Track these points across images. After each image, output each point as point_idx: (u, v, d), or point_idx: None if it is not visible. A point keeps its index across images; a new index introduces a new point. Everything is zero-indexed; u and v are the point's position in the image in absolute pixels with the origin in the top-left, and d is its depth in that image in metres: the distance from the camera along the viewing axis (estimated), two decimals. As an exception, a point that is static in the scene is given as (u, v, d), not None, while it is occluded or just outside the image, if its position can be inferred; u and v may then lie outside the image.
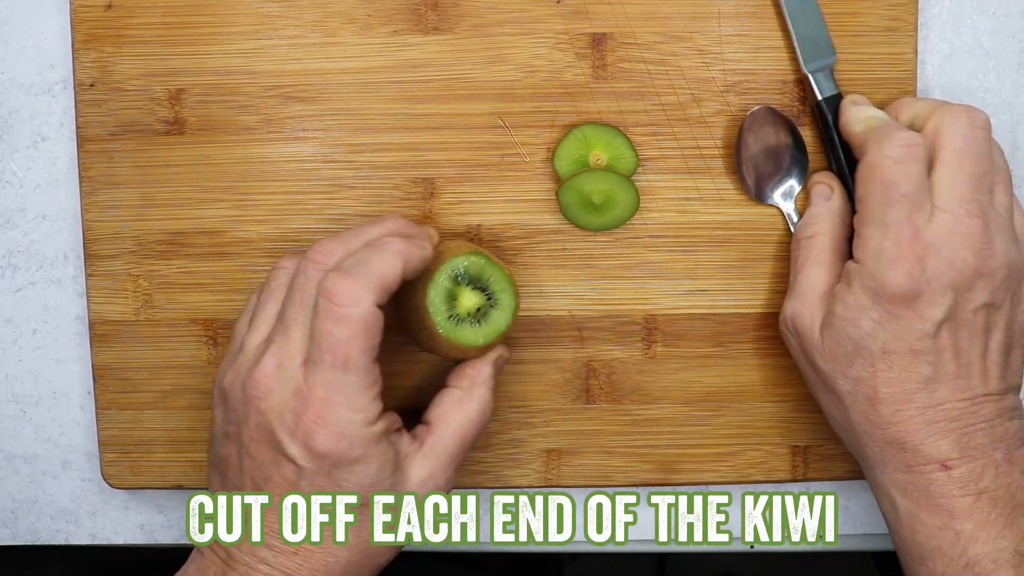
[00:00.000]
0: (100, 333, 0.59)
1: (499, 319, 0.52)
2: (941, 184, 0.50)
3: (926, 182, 0.50)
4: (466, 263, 0.52)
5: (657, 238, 0.58)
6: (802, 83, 0.57)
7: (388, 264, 0.48)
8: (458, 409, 0.52)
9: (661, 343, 0.59)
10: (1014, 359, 0.52)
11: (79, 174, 0.58)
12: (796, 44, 0.57)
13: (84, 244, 0.59)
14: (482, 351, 0.53)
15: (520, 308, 0.56)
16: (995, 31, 0.59)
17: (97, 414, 0.60)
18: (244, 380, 0.49)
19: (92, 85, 0.58)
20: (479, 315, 0.52)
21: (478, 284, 0.52)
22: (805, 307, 0.53)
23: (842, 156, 0.56)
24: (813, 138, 0.58)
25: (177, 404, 0.60)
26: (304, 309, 0.49)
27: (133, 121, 0.58)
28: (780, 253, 0.58)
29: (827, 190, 0.56)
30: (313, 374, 0.47)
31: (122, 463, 0.60)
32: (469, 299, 0.52)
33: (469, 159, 0.58)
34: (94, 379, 0.60)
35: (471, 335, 0.52)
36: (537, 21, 0.57)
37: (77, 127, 0.58)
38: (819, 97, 0.57)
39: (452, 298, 0.52)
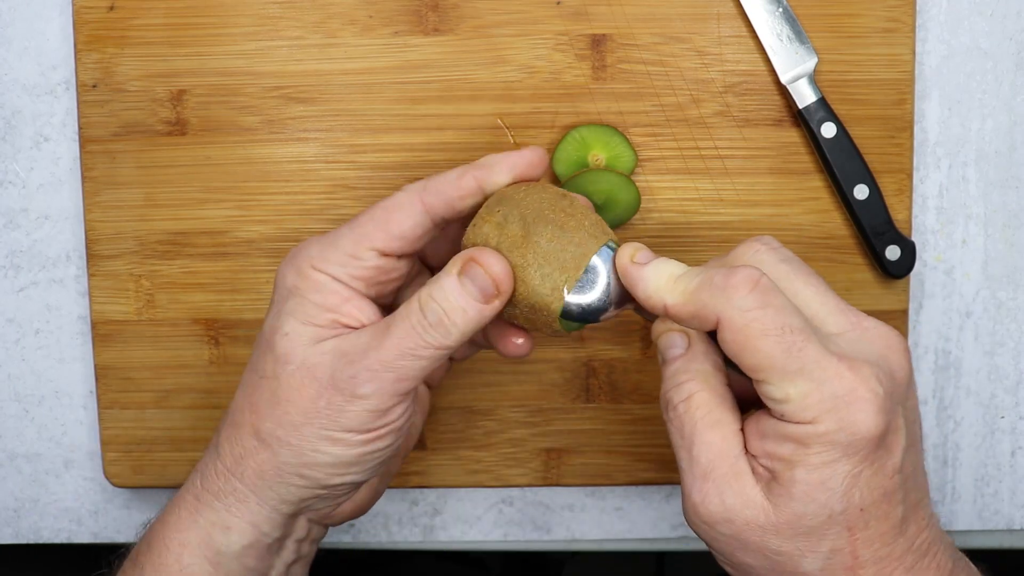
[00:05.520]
0: (102, 333, 0.59)
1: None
2: (808, 307, 0.43)
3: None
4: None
5: (657, 238, 0.58)
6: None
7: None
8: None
9: (661, 343, 0.59)
10: None
11: (81, 174, 0.59)
12: (769, 55, 0.57)
13: (86, 244, 0.59)
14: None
15: None
16: (993, 32, 0.59)
17: (99, 413, 0.60)
18: None
19: (94, 86, 0.58)
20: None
21: None
22: (718, 485, 0.42)
23: (831, 161, 0.57)
24: (803, 141, 0.58)
25: (179, 403, 0.60)
26: None
27: (135, 122, 0.58)
28: (779, 253, 0.59)
29: (680, 339, 0.45)
30: None
31: (124, 462, 0.60)
32: None
33: (470, 160, 0.58)
34: (96, 379, 0.60)
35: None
36: (537, 22, 0.58)
37: (79, 128, 0.58)
38: (799, 107, 0.57)
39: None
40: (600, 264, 0.45)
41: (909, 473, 0.42)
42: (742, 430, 0.43)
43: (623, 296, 0.45)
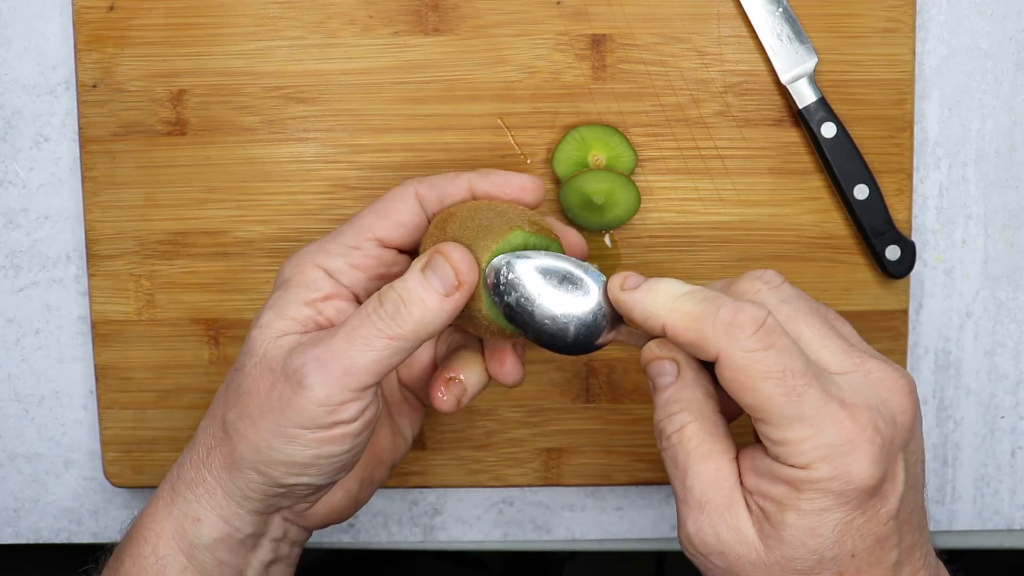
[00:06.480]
0: (102, 333, 0.59)
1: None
2: (810, 348, 0.42)
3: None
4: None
5: (656, 238, 0.59)
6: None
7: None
8: None
9: (660, 343, 0.59)
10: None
11: (81, 174, 0.59)
12: (769, 55, 0.57)
13: (86, 244, 0.59)
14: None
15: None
16: (993, 32, 0.59)
17: (99, 413, 0.60)
18: None
19: (94, 86, 0.58)
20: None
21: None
22: (712, 518, 0.42)
23: (831, 161, 0.57)
24: (803, 141, 0.58)
25: (179, 403, 0.60)
26: None
27: (135, 122, 0.58)
28: (779, 254, 0.59)
29: (670, 367, 0.44)
30: None
31: (124, 462, 0.60)
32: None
33: (470, 160, 0.58)
34: (96, 379, 0.60)
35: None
36: (537, 22, 0.58)
37: (79, 128, 0.58)
38: (799, 107, 0.57)
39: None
40: (592, 286, 0.45)
41: (905, 517, 0.42)
42: (737, 459, 0.43)
43: (616, 318, 0.45)
